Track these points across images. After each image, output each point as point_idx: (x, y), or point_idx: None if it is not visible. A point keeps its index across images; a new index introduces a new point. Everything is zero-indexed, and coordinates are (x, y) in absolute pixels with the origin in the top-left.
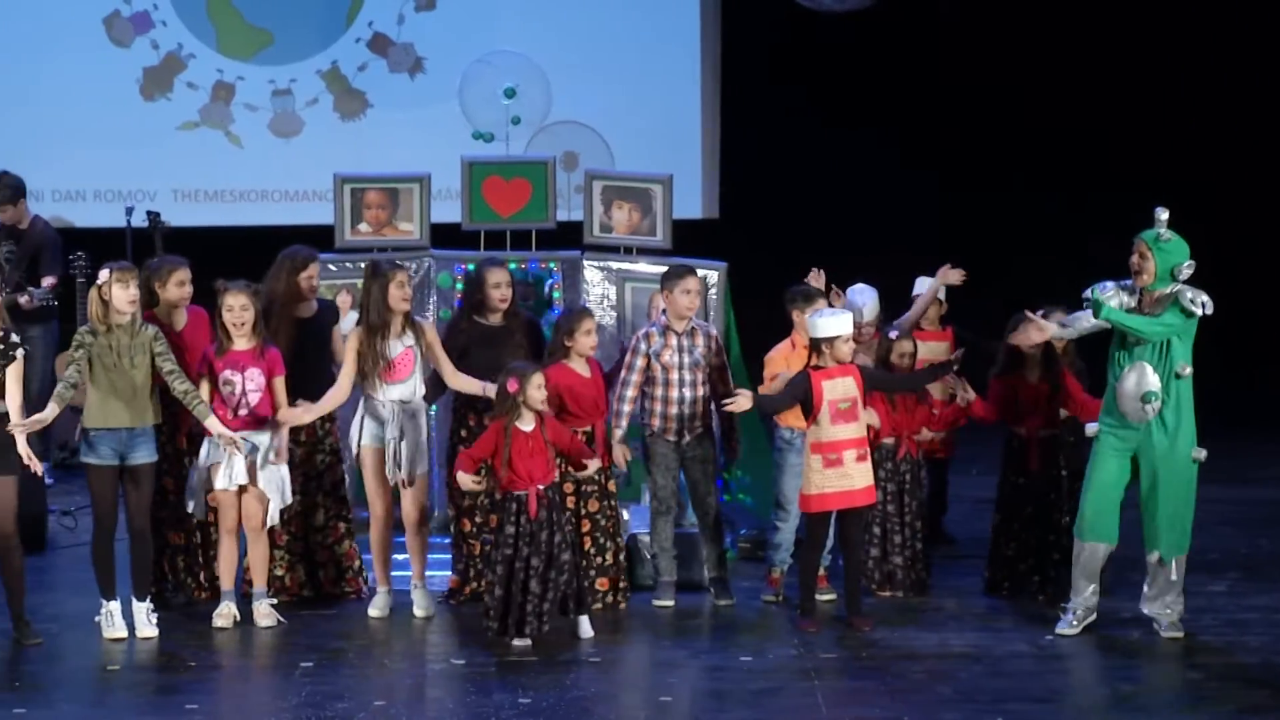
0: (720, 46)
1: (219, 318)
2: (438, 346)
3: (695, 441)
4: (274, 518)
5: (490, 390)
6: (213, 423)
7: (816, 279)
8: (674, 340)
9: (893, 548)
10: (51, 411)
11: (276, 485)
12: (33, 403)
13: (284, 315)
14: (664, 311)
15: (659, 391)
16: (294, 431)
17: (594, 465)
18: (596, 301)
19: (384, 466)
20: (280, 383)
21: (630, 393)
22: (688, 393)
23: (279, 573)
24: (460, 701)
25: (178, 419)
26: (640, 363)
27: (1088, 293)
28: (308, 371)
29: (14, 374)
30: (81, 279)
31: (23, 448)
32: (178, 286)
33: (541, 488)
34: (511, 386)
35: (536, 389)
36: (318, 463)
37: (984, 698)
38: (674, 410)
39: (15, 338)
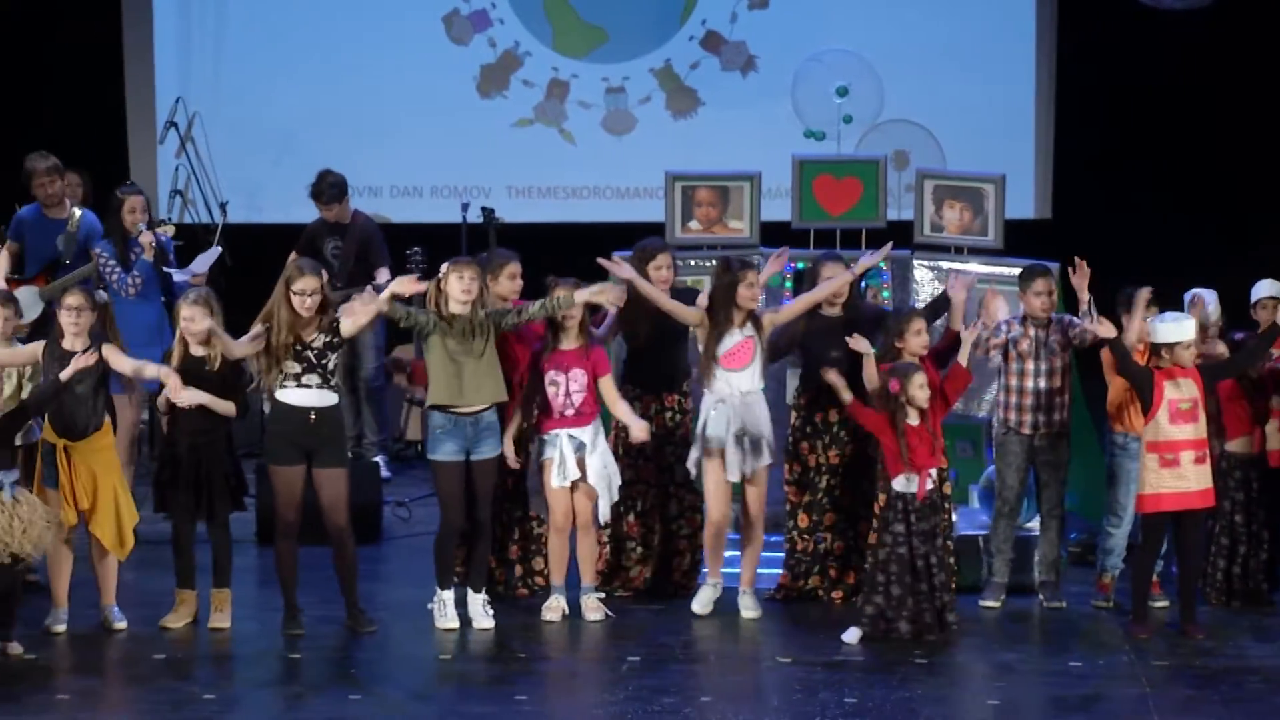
0: (1056, 44)
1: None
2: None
3: (1049, 442)
4: (604, 513)
5: None
6: None
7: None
8: (1032, 331)
9: (1236, 558)
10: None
11: (605, 480)
12: (361, 394)
13: (640, 306)
14: (1021, 308)
15: (1013, 382)
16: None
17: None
18: (926, 301)
19: (724, 462)
20: (607, 382)
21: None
22: (1043, 383)
23: (627, 564)
24: (786, 700)
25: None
26: (998, 343)
27: None
28: (664, 360)
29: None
30: (418, 273)
31: None
32: (509, 280)
33: (934, 471)
34: (893, 387)
35: (919, 388)
36: (668, 454)
37: None
38: (1029, 402)
39: (338, 321)
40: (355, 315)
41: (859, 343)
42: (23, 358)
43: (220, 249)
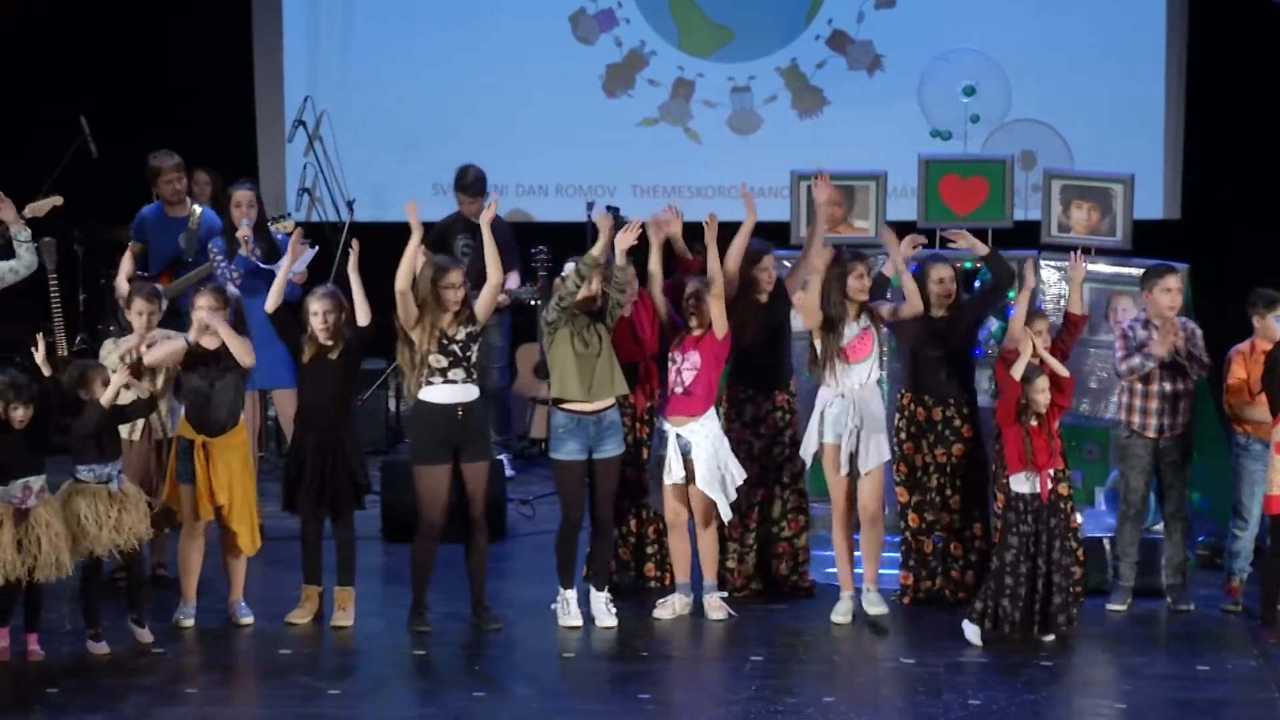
0: (1186, 43)
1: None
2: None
3: (1173, 444)
4: (724, 513)
5: None
6: None
7: None
8: (1158, 334)
9: None
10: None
11: (716, 481)
12: (490, 392)
13: (746, 303)
14: (1143, 309)
15: (1139, 385)
16: (755, 424)
17: None
18: (1053, 302)
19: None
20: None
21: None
22: (1169, 387)
23: (730, 565)
24: (909, 701)
25: (635, 408)
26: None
27: None
28: (771, 358)
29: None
30: (543, 272)
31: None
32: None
33: (1051, 471)
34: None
35: (1040, 393)
36: (775, 454)
37: None
38: (1154, 405)
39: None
40: (484, 293)
41: (1030, 275)
42: (177, 354)
43: (315, 248)
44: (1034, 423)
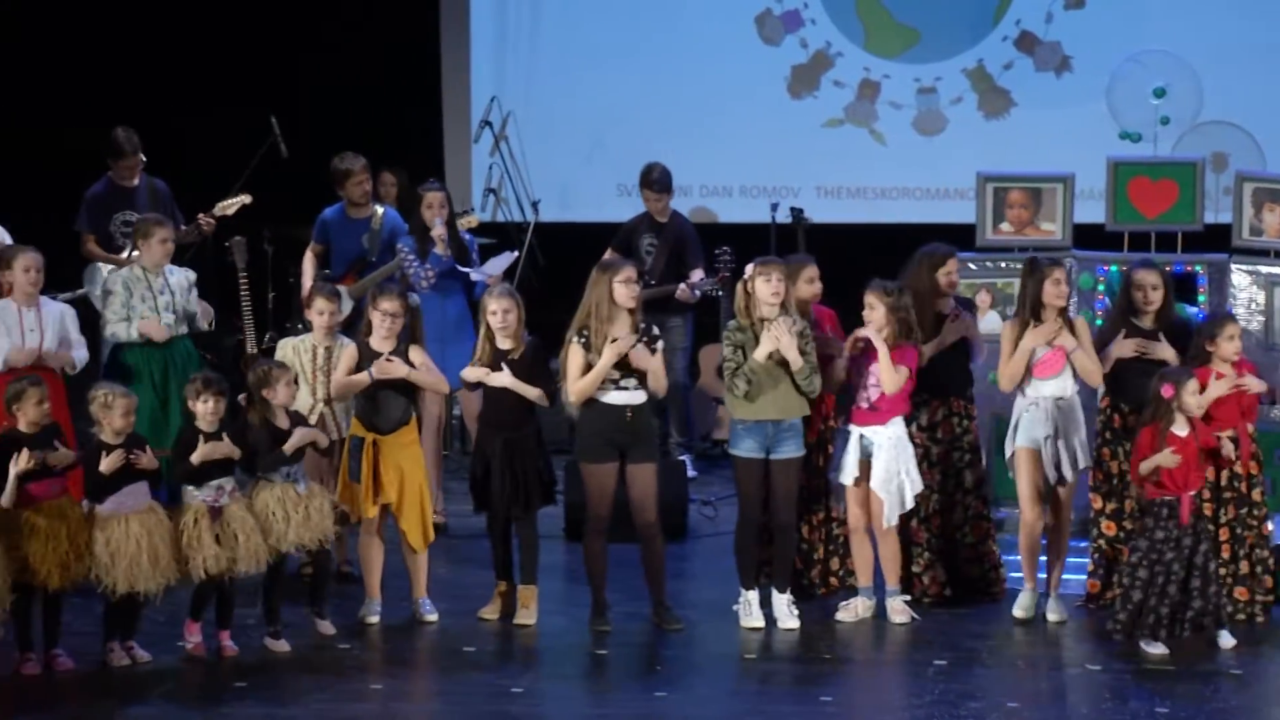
0: None
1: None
2: (1086, 341)
3: None
4: (888, 518)
5: None
6: None
7: None
8: None
9: None
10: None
11: (892, 486)
12: (673, 392)
13: (924, 310)
14: None
15: None
16: (932, 429)
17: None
18: (1244, 306)
19: (1037, 469)
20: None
21: None
22: None
23: (917, 570)
24: (1095, 707)
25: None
26: None
27: None
28: (951, 365)
29: (655, 364)
30: (726, 273)
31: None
32: (807, 284)
33: (1192, 494)
34: (1166, 392)
35: (1191, 395)
36: (955, 460)
37: None
38: None
39: (655, 330)
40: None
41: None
42: (352, 372)
43: (516, 253)
44: (1181, 432)
